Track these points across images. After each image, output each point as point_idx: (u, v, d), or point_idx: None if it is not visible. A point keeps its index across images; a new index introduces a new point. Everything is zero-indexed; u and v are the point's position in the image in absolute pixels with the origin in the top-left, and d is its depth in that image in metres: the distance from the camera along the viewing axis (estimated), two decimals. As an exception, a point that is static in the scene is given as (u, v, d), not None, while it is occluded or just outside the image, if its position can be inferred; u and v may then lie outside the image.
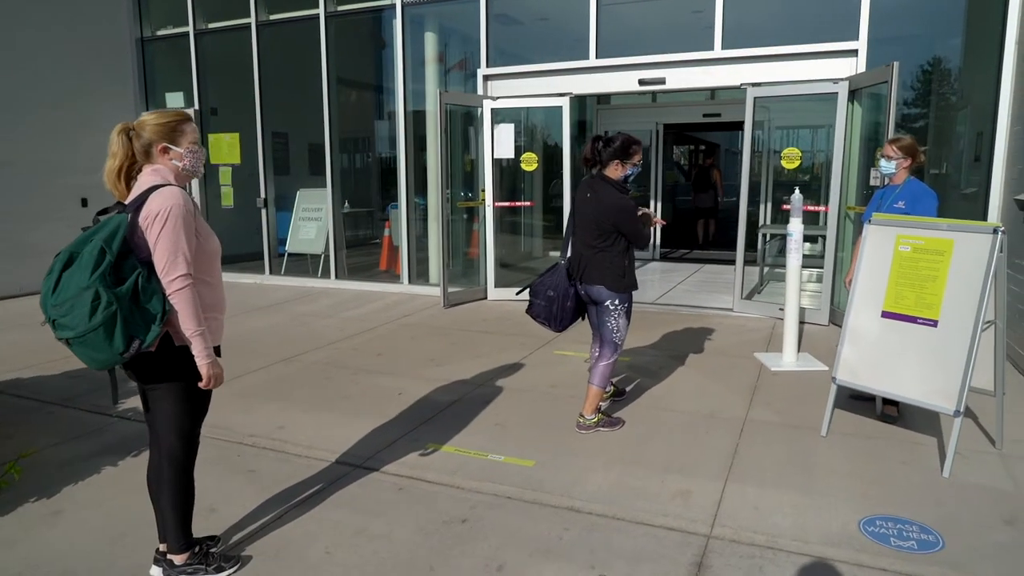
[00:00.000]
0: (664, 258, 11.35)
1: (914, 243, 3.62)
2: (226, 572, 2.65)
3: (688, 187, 16.08)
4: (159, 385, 2.51)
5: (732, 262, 7.30)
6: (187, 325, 2.38)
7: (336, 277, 9.08)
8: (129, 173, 2.48)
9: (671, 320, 6.83)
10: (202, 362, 2.43)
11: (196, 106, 9.70)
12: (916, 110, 8.06)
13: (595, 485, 3.35)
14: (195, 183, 9.80)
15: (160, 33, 10.03)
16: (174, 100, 10.01)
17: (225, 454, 3.79)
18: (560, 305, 3.99)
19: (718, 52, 6.77)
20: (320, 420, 4.29)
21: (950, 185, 7.45)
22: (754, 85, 6.64)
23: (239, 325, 6.87)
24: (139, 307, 2.28)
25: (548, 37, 8.06)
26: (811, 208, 6.64)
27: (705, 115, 10.96)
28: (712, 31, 6.75)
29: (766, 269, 8.45)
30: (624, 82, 7.21)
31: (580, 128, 12.72)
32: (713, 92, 10.94)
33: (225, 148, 9.70)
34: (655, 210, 11.31)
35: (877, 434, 3.93)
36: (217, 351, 2.59)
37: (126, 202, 2.43)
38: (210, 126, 9.80)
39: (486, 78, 7.81)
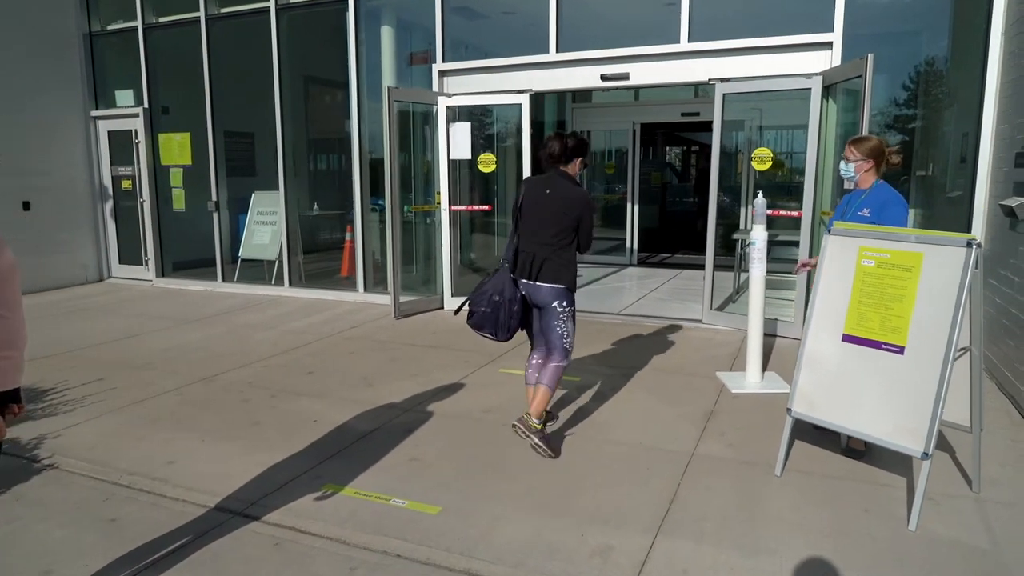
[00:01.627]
0: (643, 263, 10.87)
1: (879, 257, 3.15)
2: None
3: (680, 188, 15.61)
4: None
5: (721, 267, 6.85)
6: None
7: (290, 284, 8.59)
8: None
9: (634, 333, 6.35)
10: None
11: (146, 104, 9.21)
12: (902, 110, 7.61)
13: (505, 539, 2.87)
14: (145, 186, 9.33)
15: (110, 28, 9.53)
16: (124, 98, 9.53)
17: (90, 498, 3.31)
18: (507, 311, 3.64)
19: (685, 45, 6.31)
20: (217, 453, 3.81)
21: (936, 188, 7.00)
22: (723, 80, 6.17)
23: (169, 338, 6.39)
24: None
25: (508, 30, 7.60)
26: (783, 213, 6.17)
27: (683, 114, 10.49)
28: (678, 23, 6.28)
29: (743, 277, 7.96)
30: (586, 78, 6.74)
31: (559, 128, 12.29)
32: (696, 90, 10.49)
33: (176, 148, 9.21)
34: (632, 213, 10.84)
35: (840, 473, 3.45)
36: (15, 396, 2.10)
37: None
38: (161, 126, 9.31)
39: (442, 74, 7.34)
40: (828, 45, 5.81)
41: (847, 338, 3.21)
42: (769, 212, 7.13)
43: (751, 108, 10.10)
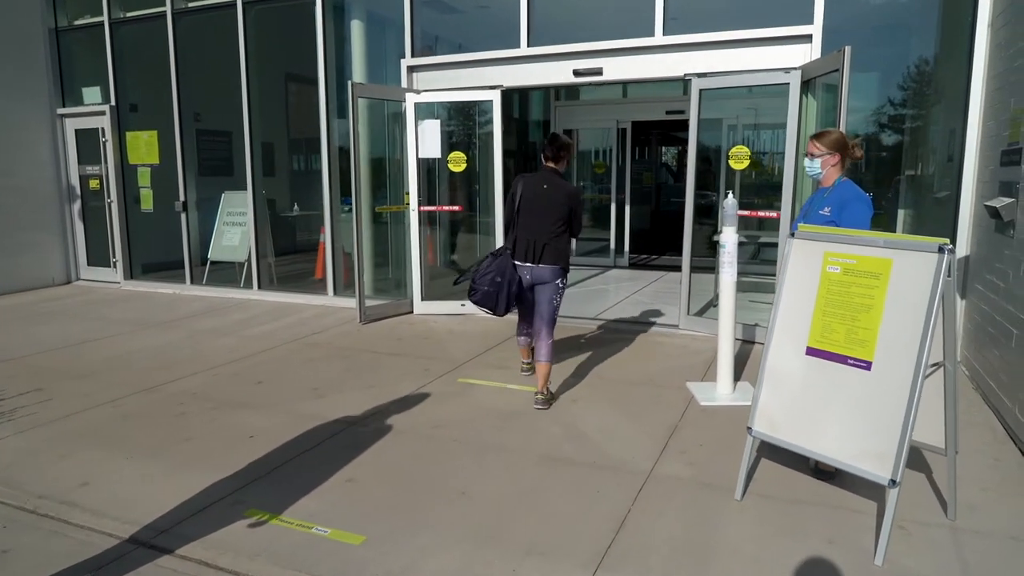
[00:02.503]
0: (627, 265, 10.60)
1: (845, 263, 2.88)
2: None
3: (670, 189, 15.30)
4: None
5: (705, 269, 6.60)
6: None
7: (259, 288, 8.31)
8: None
9: (607, 339, 6.08)
10: None
11: (112, 102, 8.94)
12: (888, 106, 7.35)
13: (428, 574, 2.60)
14: (112, 186, 9.06)
15: (77, 23, 9.25)
16: (91, 96, 9.25)
17: (-13, 525, 3.03)
18: (507, 291, 4.27)
19: (660, 39, 6.04)
20: (141, 472, 3.54)
21: (924, 189, 6.74)
22: (700, 75, 5.90)
23: (124, 344, 6.12)
24: None
25: (481, 24, 7.33)
26: (761, 214, 5.90)
27: (668, 112, 10.22)
28: (653, 15, 6.01)
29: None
30: (558, 73, 6.47)
31: (544, 127, 12.03)
32: (685, 87, 10.20)
33: (143, 147, 8.94)
34: (621, 214, 10.57)
35: (806, 496, 3.18)
36: None
37: None
38: (129, 123, 9.03)
39: (411, 69, 7.07)
40: (808, 38, 5.55)
41: (811, 351, 2.94)
42: (747, 213, 6.89)
43: (747, 108, 9.87)
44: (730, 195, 4.36)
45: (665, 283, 8.97)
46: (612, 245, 10.67)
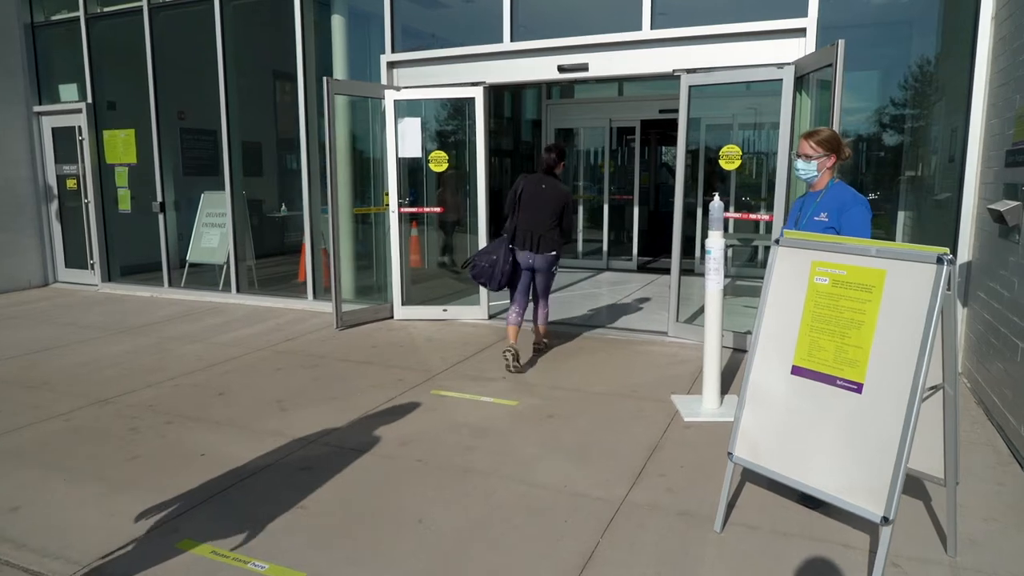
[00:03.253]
0: (625, 268, 10.32)
1: (834, 273, 2.61)
2: None
3: (668, 189, 14.98)
4: None
5: (700, 273, 6.32)
6: None
7: (237, 291, 8.06)
8: None
9: (591, 347, 5.82)
10: None
11: (89, 99, 8.68)
12: (888, 104, 7.09)
13: (369, 621, 2.34)
14: (89, 185, 8.80)
15: (53, 18, 9.00)
16: (68, 92, 9.01)
17: None
18: (500, 269, 5.08)
19: (647, 33, 5.78)
20: (77, 496, 3.28)
21: (925, 191, 6.48)
22: (689, 71, 5.63)
23: (89, 352, 5.86)
24: None
25: (463, 18, 7.07)
26: (754, 217, 5.63)
27: (662, 111, 9.94)
28: (640, 9, 5.75)
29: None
30: (542, 69, 6.21)
31: (535, 127, 11.77)
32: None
33: (120, 146, 8.68)
34: (620, 216, 10.31)
35: (793, 527, 2.91)
36: None
37: None
38: (106, 122, 8.78)
39: (391, 65, 6.81)
40: (802, 32, 5.28)
41: (797, 370, 2.68)
42: (739, 216, 6.62)
43: (747, 107, 9.60)
44: (716, 197, 4.09)
45: (658, 287, 8.71)
46: (605, 247, 10.40)
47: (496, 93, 11.76)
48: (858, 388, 2.49)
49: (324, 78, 6.19)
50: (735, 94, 9.09)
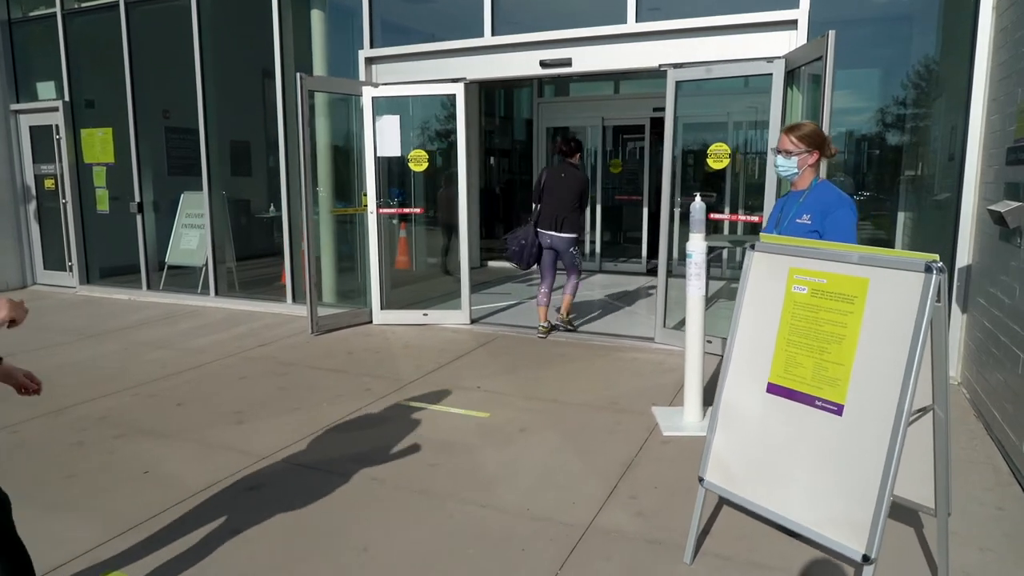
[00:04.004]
0: (606, 271, 10.07)
1: (813, 282, 2.36)
2: None
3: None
4: None
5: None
6: None
7: (216, 294, 7.84)
8: None
9: (573, 353, 5.57)
10: None
11: (67, 97, 8.47)
12: (885, 103, 6.82)
13: (291, 670, 2.10)
14: (67, 185, 8.59)
15: (31, 15, 8.79)
16: (46, 91, 8.80)
17: None
18: (528, 250, 5.92)
19: (632, 26, 5.53)
20: (3, 519, 3.04)
21: (923, 191, 6.21)
22: (676, 66, 5.39)
23: (54, 358, 5.65)
24: None
25: (444, 12, 6.83)
26: (743, 218, 5.38)
27: (656, 110, 9.68)
28: (625, 1, 5.50)
29: (713, 287, 7.17)
30: (525, 64, 5.97)
31: (527, 127, 11.52)
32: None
33: (98, 145, 8.47)
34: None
35: (770, 559, 2.66)
36: None
37: None
38: (84, 120, 8.57)
39: (369, 61, 6.58)
40: (793, 24, 5.03)
41: (772, 388, 2.43)
42: (726, 217, 6.36)
43: (747, 107, 9.34)
44: (697, 197, 3.84)
45: (651, 290, 8.45)
46: (598, 249, 10.15)
47: (488, 92, 11.53)
48: (838, 409, 2.24)
49: (298, 74, 5.96)
50: (733, 90, 8.82)
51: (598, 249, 10.15)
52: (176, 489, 3.29)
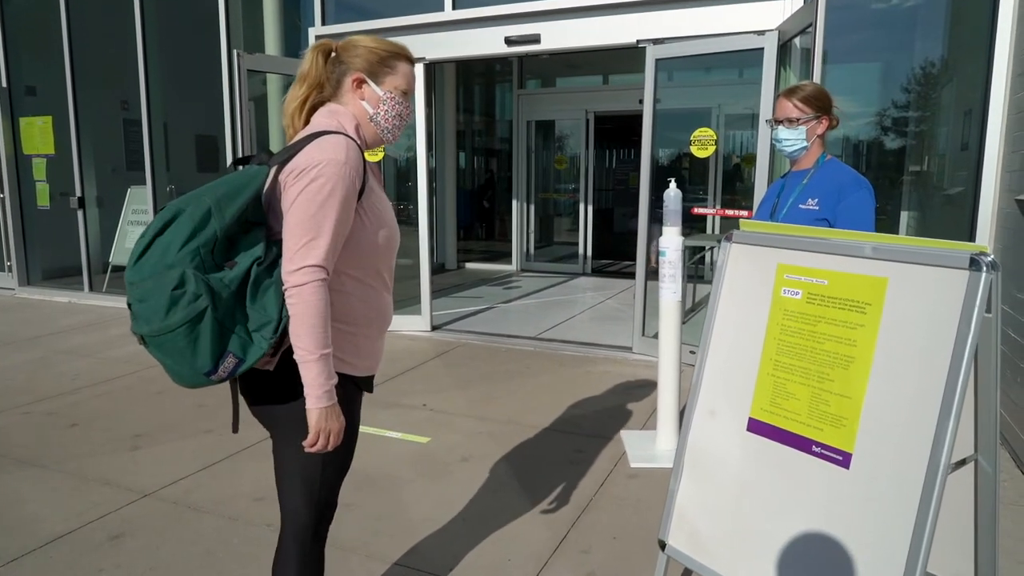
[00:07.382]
0: (597, 272, 9.47)
1: (810, 283, 1.75)
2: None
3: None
4: (278, 424, 1.56)
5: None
6: (300, 343, 1.39)
7: (161, 297, 7.17)
8: (314, 110, 1.62)
9: (539, 365, 4.95)
10: (311, 405, 1.42)
11: (3, 83, 7.84)
12: (888, 86, 6.23)
13: None
14: (4, 179, 7.94)
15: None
16: (-16, 77, 8.14)
17: None
18: None
19: (607, -3, 4.92)
20: None
21: (931, 185, 5.62)
22: (655, 42, 4.79)
23: (-52, 369, 5.00)
24: (243, 307, 1.37)
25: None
26: (731, 213, 4.78)
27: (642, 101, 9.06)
28: (598, -32, 4.90)
29: (700, 292, 6.57)
30: (488, 42, 5.36)
31: (508, 125, 10.91)
32: (670, 73, 9.08)
33: (38, 135, 7.83)
34: (585, 216, 9.46)
35: (753, 643, 2.03)
36: (368, 384, 1.66)
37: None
38: (24, 108, 7.93)
39: (320, 39, 5.93)
40: (785, -9, 4.42)
41: (755, 427, 1.81)
42: (715, 211, 5.75)
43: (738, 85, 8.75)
44: (672, 184, 3.23)
45: (631, 295, 7.83)
46: (581, 250, 9.54)
47: (467, 84, 10.93)
48: (844, 460, 1.62)
49: (235, 51, 5.33)
50: (736, 81, 8.22)
51: (583, 250, 9.54)
52: (25, 536, 2.66)
